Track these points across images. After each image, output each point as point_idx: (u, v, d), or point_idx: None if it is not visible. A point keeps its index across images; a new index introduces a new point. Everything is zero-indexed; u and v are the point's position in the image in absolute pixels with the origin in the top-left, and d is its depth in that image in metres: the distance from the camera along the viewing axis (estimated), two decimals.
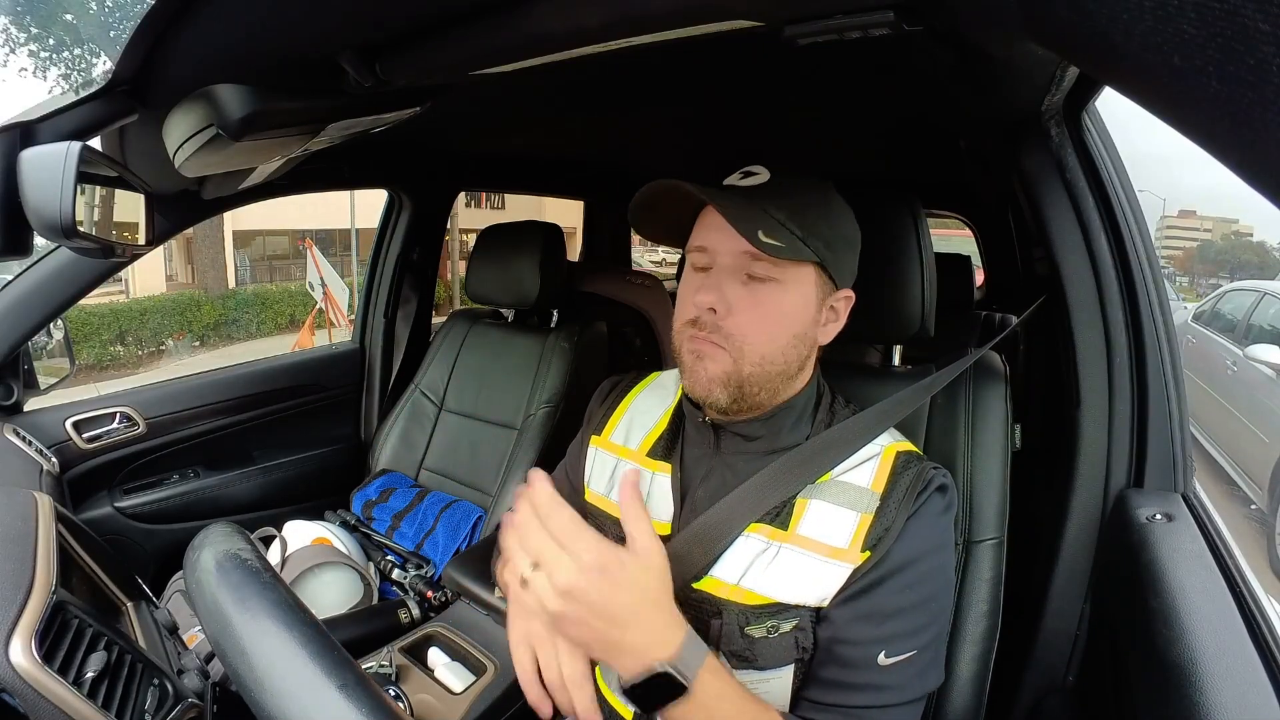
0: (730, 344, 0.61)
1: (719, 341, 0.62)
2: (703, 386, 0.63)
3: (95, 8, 9.60)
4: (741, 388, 0.62)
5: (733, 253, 0.62)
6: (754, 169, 0.64)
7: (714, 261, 0.64)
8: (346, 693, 0.42)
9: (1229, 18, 0.17)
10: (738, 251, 0.62)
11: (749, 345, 0.62)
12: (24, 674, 0.50)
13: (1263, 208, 2.44)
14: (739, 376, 0.62)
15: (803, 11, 0.48)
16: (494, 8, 0.54)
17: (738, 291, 0.62)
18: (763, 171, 0.63)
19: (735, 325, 0.62)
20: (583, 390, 1.42)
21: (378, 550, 1.38)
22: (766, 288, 0.62)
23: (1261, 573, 1.78)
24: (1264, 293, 4.34)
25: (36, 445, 1.16)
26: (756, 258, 0.61)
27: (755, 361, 0.62)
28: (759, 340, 0.62)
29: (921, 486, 0.60)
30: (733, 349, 0.61)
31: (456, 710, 0.96)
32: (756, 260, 0.61)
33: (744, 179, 0.64)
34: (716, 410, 0.65)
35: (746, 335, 0.61)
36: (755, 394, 0.63)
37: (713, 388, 0.62)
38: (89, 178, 0.70)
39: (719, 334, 0.62)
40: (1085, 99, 0.76)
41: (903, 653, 0.57)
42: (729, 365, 0.62)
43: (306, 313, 7.18)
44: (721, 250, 0.63)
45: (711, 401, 0.63)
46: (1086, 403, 0.78)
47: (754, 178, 0.63)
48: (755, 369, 0.62)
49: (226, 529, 0.58)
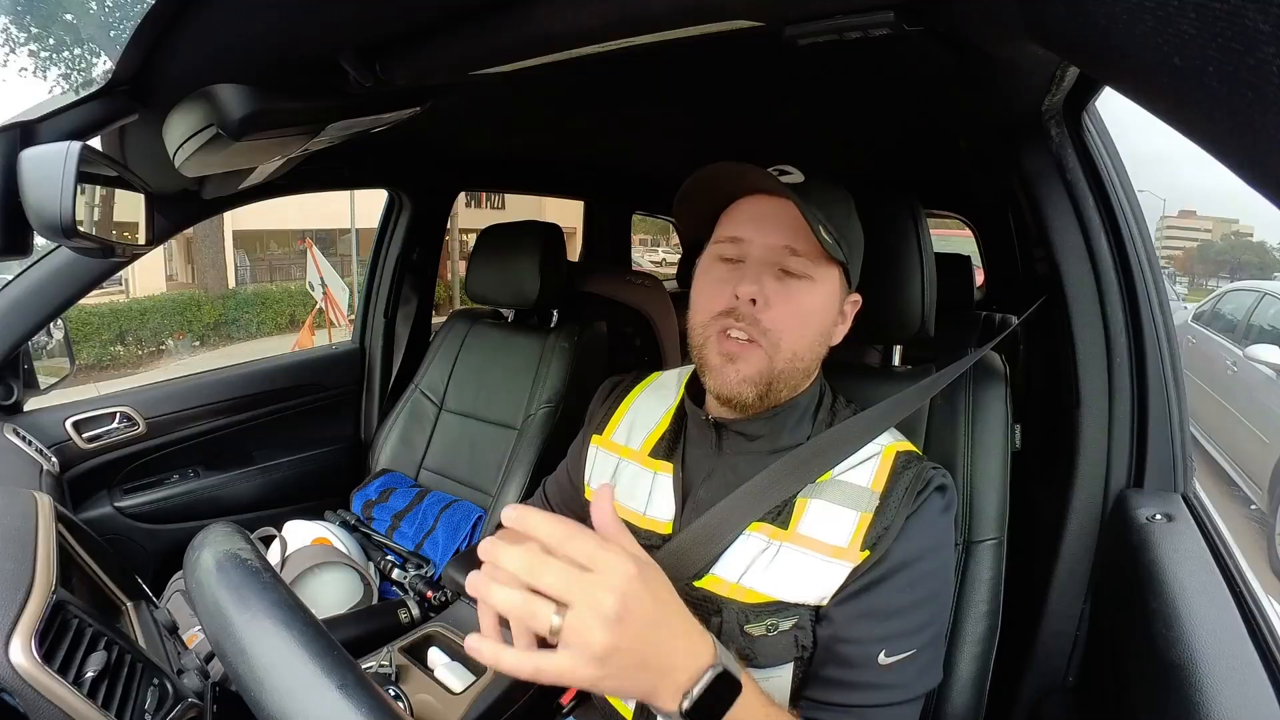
0: (766, 339, 0.61)
1: (755, 335, 0.61)
2: (733, 386, 0.62)
3: (95, 8, 9.60)
4: (771, 384, 0.62)
5: (770, 246, 0.62)
6: (786, 168, 0.63)
7: (747, 254, 0.63)
8: (346, 692, 0.41)
9: (1229, 18, 0.17)
10: (777, 245, 0.61)
11: (784, 341, 0.61)
12: (24, 674, 0.50)
13: (1263, 208, 2.45)
14: (771, 373, 0.61)
15: (803, 12, 0.48)
16: (494, 8, 0.54)
17: (773, 286, 0.61)
18: (796, 171, 0.63)
19: (772, 319, 0.61)
20: (583, 390, 1.43)
21: (378, 550, 1.38)
22: (801, 284, 0.62)
23: (1261, 573, 1.78)
24: (1264, 293, 4.34)
25: (36, 445, 1.16)
26: (794, 253, 0.61)
27: (788, 358, 0.62)
28: (792, 336, 0.61)
29: (921, 486, 0.61)
30: (768, 344, 0.61)
31: (456, 710, 0.96)
32: (793, 256, 0.61)
33: (781, 176, 0.63)
34: (739, 408, 0.64)
35: (782, 331, 0.61)
36: (780, 391, 0.63)
37: (744, 387, 0.61)
38: (89, 177, 0.70)
39: (756, 327, 0.61)
40: (1085, 99, 0.76)
41: (903, 651, 0.57)
42: (764, 363, 0.61)
43: (306, 312, 7.18)
44: (758, 242, 0.62)
45: (739, 400, 0.62)
46: (1086, 403, 0.78)
47: (789, 176, 0.63)
48: (787, 365, 0.62)
49: (226, 529, 0.58)
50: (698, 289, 0.66)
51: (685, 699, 0.42)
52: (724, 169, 0.61)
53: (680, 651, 0.43)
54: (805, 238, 0.61)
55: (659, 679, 0.42)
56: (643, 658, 0.41)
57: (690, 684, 0.42)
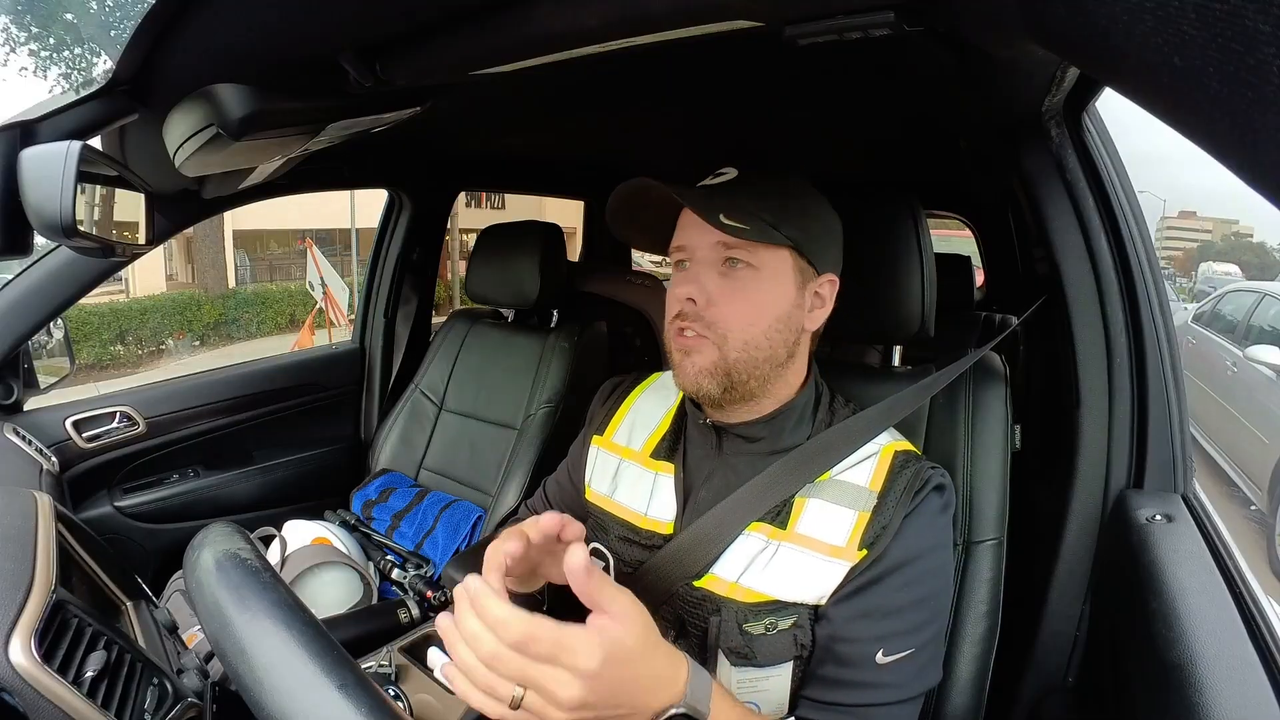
0: (713, 332, 0.63)
1: (702, 331, 0.63)
2: (691, 380, 0.63)
3: (95, 7, 9.59)
4: (729, 375, 0.63)
5: (707, 245, 0.63)
6: (724, 170, 0.66)
7: (692, 256, 0.65)
8: (346, 692, 0.41)
9: (1229, 19, 0.17)
10: (711, 243, 0.63)
11: (732, 332, 0.62)
12: (24, 673, 0.50)
13: (1263, 208, 2.44)
14: (725, 364, 0.63)
15: (803, 12, 0.48)
16: (494, 8, 0.54)
17: (716, 282, 0.63)
18: (731, 170, 0.65)
19: (716, 314, 0.63)
20: (583, 390, 1.42)
21: (377, 550, 1.38)
22: (743, 275, 0.63)
23: (1261, 573, 1.78)
24: (1264, 293, 4.34)
25: (36, 445, 1.16)
26: (730, 246, 0.62)
27: (739, 347, 0.63)
28: (740, 326, 0.63)
29: (919, 486, 0.61)
30: (716, 337, 0.63)
31: (456, 710, 0.95)
32: (731, 249, 0.62)
33: (714, 179, 0.66)
34: (709, 402, 0.66)
35: (729, 322, 0.63)
36: (745, 382, 0.64)
37: (701, 379, 0.63)
38: (89, 177, 0.70)
39: (701, 323, 0.63)
40: (1085, 99, 0.76)
41: (901, 651, 0.57)
42: (714, 355, 0.63)
43: (306, 312, 7.18)
44: (696, 244, 0.64)
45: (702, 393, 0.64)
46: (1086, 403, 0.78)
47: (723, 176, 0.65)
48: (740, 354, 0.63)
49: (226, 528, 0.58)
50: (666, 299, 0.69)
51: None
52: (629, 188, 0.64)
53: (644, 705, 0.45)
54: None
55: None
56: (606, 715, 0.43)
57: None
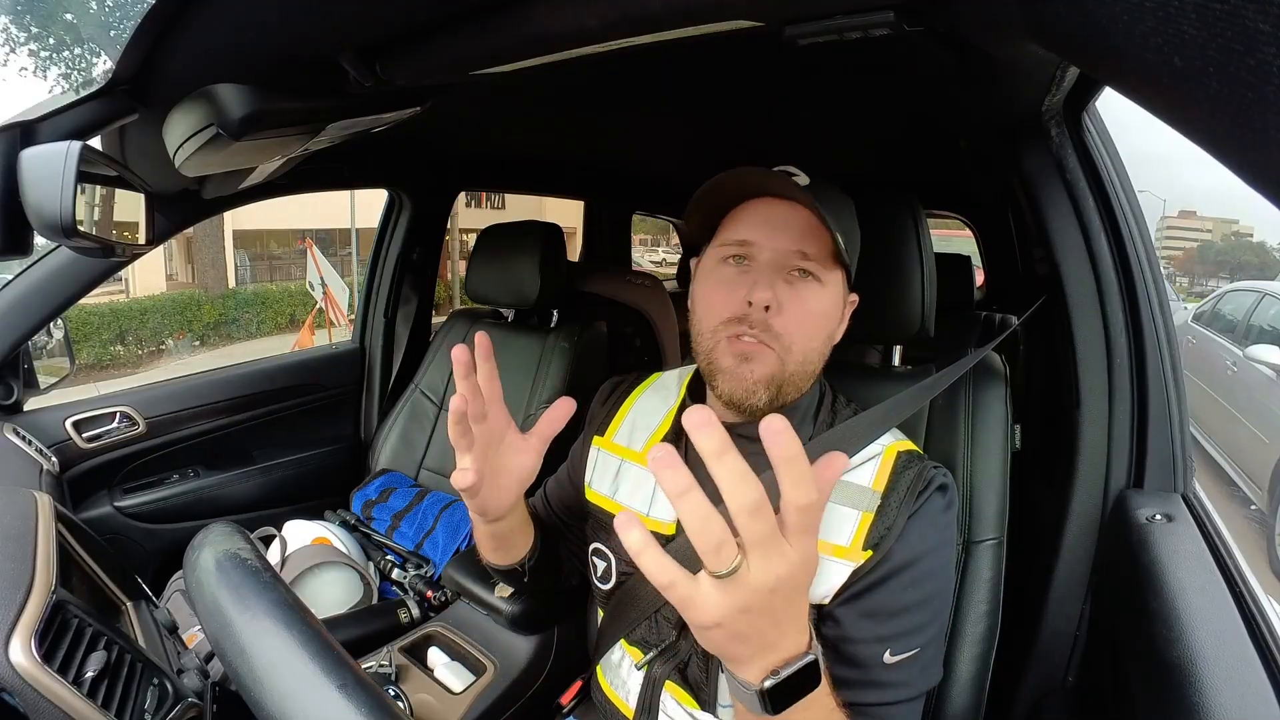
0: (779, 343, 0.61)
1: (767, 340, 0.60)
2: (745, 388, 0.61)
3: (95, 7, 9.59)
4: (782, 388, 0.62)
5: (780, 250, 0.61)
6: (791, 170, 0.63)
7: (756, 257, 0.62)
8: (346, 692, 0.41)
9: (1230, 19, 0.17)
10: (789, 250, 0.61)
11: (795, 344, 0.61)
12: (24, 673, 0.50)
13: (1263, 208, 2.44)
14: (782, 376, 0.61)
15: (803, 12, 0.48)
16: (494, 8, 0.54)
17: (784, 290, 0.61)
18: (801, 174, 0.63)
19: (783, 324, 0.61)
20: (583, 390, 1.42)
21: (378, 550, 1.38)
22: (810, 287, 0.62)
23: (1261, 573, 1.78)
24: (1264, 293, 4.34)
25: (36, 445, 1.16)
26: (805, 257, 0.61)
27: (799, 360, 0.61)
28: (802, 339, 0.61)
29: (922, 486, 0.61)
30: (780, 348, 0.61)
31: (456, 710, 0.96)
32: (804, 260, 0.61)
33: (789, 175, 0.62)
34: (751, 411, 0.63)
35: (793, 334, 0.61)
36: (789, 394, 0.63)
37: (757, 388, 0.61)
38: (89, 177, 0.70)
39: (769, 333, 0.60)
40: (1085, 99, 0.76)
41: (906, 650, 0.57)
42: (775, 365, 0.61)
43: (306, 312, 7.18)
44: (768, 246, 0.62)
45: (752, 403, 0.61)
46: (1086, 403, 0.78)
47: (796, 179, 0.62)
48: (797, 368, 0.62)
49: (226, 528, 0.58)
50: (702, 292, 0.66)
51: (770, 677, 0.42)
52: (747, 174, 0.61)
53: (787, 635, 0.43)
54: (816, 242, 0.61)
55: (756, 653, 0.42)
56: (760, 630, 0.41)
57: (781, 665, 0.42)
